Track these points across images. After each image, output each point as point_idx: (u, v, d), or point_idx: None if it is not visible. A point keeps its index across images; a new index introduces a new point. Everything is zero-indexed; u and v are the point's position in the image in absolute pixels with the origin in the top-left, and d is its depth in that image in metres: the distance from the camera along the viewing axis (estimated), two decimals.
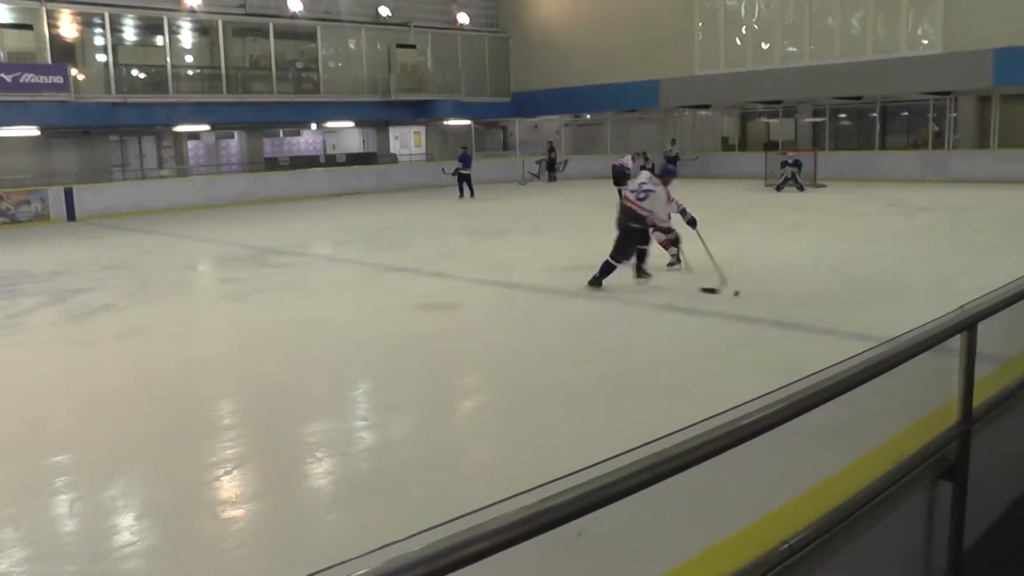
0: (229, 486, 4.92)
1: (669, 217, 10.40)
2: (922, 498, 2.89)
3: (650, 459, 1.63)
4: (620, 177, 22.56)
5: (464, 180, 26.15)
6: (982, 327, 2.87)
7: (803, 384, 2.11)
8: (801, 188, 24.17)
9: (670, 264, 11.27)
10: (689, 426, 1.78)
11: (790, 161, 24.87)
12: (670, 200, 10.24)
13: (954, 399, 2.88)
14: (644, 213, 10.12)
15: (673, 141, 33.18)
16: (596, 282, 10.17)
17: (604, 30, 32.63)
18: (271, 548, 4.25)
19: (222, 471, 5.09)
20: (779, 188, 24.64)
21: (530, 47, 35.53)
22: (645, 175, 10.56)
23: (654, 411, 5.90)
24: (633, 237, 10.22)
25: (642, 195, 10.16)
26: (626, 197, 10.52)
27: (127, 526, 4.54)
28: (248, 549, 4.27)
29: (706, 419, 1.83)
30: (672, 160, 32.17)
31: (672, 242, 10.96)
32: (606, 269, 10.18)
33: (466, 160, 26.51)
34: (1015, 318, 3.37)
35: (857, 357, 2.37)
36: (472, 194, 25.99)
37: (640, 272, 10.52)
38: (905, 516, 2.81)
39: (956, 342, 2.81)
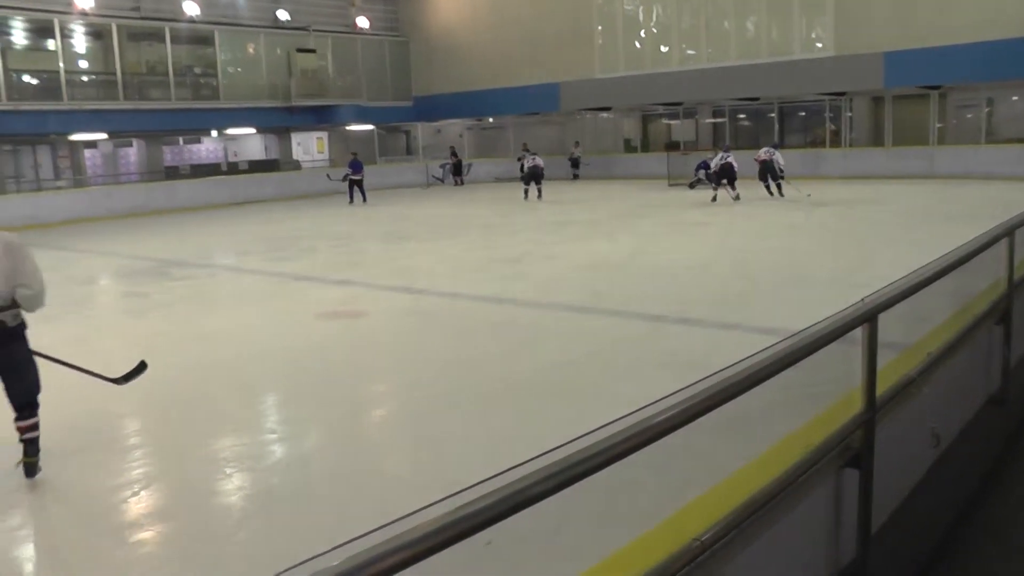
0: (136, 508, 4.74)
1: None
2: (829, 486, 2.95)
3: (562, 463, 1.61)
4: (539, 175, 24.39)
5: (356, 185, 26.24)
6: (882, 317, 2.95)
7: (713, 380, 2.12)
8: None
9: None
10: (601, 427, 1.76)
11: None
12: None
13: (858, 388, 2.94)
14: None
15: (577, 143, 33.51)
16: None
17: (504, 34, 32.78)
18: (179, 571, 4.11)
19: (128, 492, 4.90)
20: (692, 186, 25.16)
21: (430, 51, 35.42)
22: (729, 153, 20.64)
23: (560, 412, 5.89)
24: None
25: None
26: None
27: (28, 557, 4.35)
28: (156, 574, 4.12)
29: (617, 419, 1.82)
30: (575, 162, 32.57)
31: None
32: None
33: (356, 166, 26.52)
34: (913, 308, 3.47)
35: (764, 351, 2.39)
36: (364, 199, 26.05)
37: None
38: (813, 505, 2.86)
39: (858, 333, 2.88)
